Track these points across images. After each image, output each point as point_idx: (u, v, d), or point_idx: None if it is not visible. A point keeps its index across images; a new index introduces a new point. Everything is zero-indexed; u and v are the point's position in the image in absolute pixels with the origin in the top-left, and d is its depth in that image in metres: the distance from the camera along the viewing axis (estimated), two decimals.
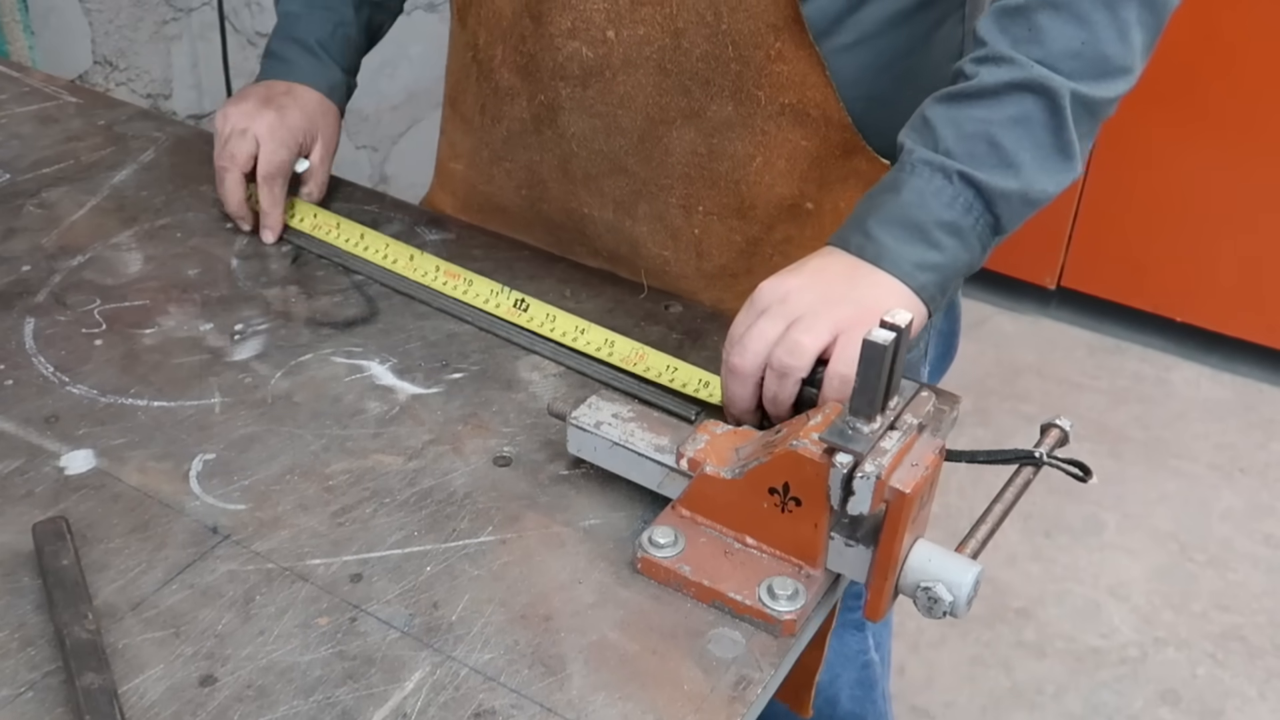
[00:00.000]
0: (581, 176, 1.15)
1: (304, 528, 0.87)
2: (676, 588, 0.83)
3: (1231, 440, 2.71)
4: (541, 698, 0.75)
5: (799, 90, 1.04)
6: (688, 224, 1.13)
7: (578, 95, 1.09)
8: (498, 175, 1.22)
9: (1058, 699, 2.10)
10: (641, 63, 1.05)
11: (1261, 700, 2.11)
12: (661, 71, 1.05)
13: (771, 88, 1.04)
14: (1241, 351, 2.91)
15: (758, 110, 1.05)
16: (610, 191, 1.14)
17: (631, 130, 1.09)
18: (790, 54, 1.02)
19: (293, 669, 0.76)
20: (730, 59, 1.03)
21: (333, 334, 1.07)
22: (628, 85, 1.07)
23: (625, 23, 1.04)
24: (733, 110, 1.06)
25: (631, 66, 1.06)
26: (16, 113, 1.40)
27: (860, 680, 1.44)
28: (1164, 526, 2.46)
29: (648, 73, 1.05)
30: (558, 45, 1.07)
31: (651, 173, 1.11)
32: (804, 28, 1.00)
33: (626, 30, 1.04)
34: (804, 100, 1.04)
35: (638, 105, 1.08)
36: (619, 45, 1.05)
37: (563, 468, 0.93)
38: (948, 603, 0.78)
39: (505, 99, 1.15)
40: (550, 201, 1.19)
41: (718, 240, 1.14)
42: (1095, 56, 0.91)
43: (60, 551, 0.81)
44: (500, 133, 1.18)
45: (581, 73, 1.08)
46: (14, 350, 1.03)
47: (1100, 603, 2.29)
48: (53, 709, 0.73)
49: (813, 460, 0.78)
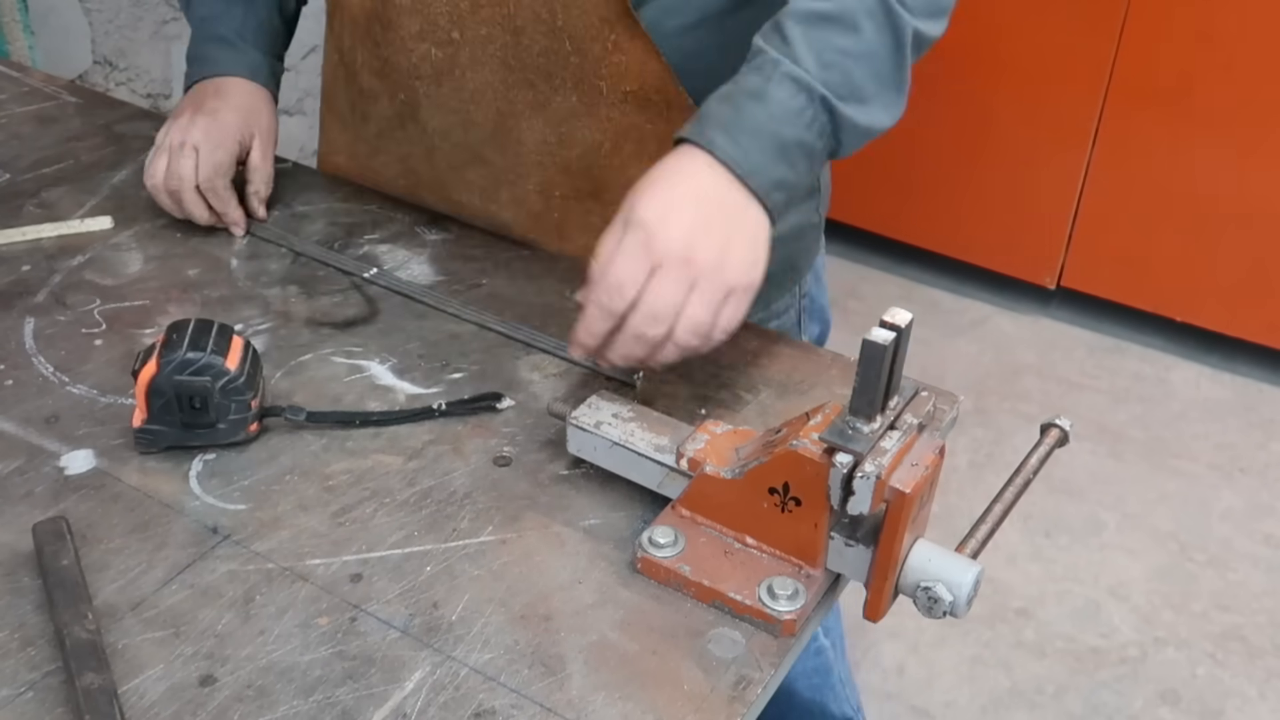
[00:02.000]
0: (446, 167, 1.22)
1: (304, 528, 0.87)
2: (676, 588, 0.83)
3: (1231, 440, 2.71)
4: (541, 698, 0.75)
5: (639, 78, 1.08)
6: (547, 209, 1.19)
7: (433, 93, 1.16)
8: (376, 166, 1.29)
9: (1058, 699, 2.10)
10: (486, 60, 1.12)
11: (1261, 700, 2.11)
12: (506, 67, 1.11)
13: (612, 77, 1.08)
14: (1241, 351, 2.91)
15: (600, 99, 1.10)
16: (474, 180, 1.21)
17: (485, 123, 1.16)
18: (626, 44, 1.06)
19: (293, 669, 0.76)
20: (569, 53, 1.08)
21: (333, 334, 1.07)
22: (476, 81, 1.13)
23: (468, 24, 1.10)
24: (577, 101, 1.11)
25: (478, 64, 1.12)
26: (16, 113, 1.40)
27: (816, 668, 1.48)
28: (1164, 526, 2.46)
29: (493, 69, 1.12)
30: (410, 47, 1.14)
31: (508, 162, 1.18)
32: (635, 19, 1.05)
33: (470, 30, 1.11)
34: (644, 86, 1.09)
35: (487, 100, 1.14)
36: (465, 45, 1.12)
37: (563, 468, 0.93)
38: (948, 603, 0.78)
39: (369, 99, 1.23)
40: (426, 188, 1.26)
41: (577, 223, 1.19)
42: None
43: (60, 551, 0.81)
44: (371, 129, 1.26)
45: (434, 72, 1.15)
46: (14, 350, 1.03)
47: (1100, 603, 2.29)
48: (53, 709, 0.73)
49: (813, 460, 0.78)
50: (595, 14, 1.05)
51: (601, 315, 0.88)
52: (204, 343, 0.90)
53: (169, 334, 0.91)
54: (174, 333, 0.91)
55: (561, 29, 1.07)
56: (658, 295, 0.86)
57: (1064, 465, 2.55)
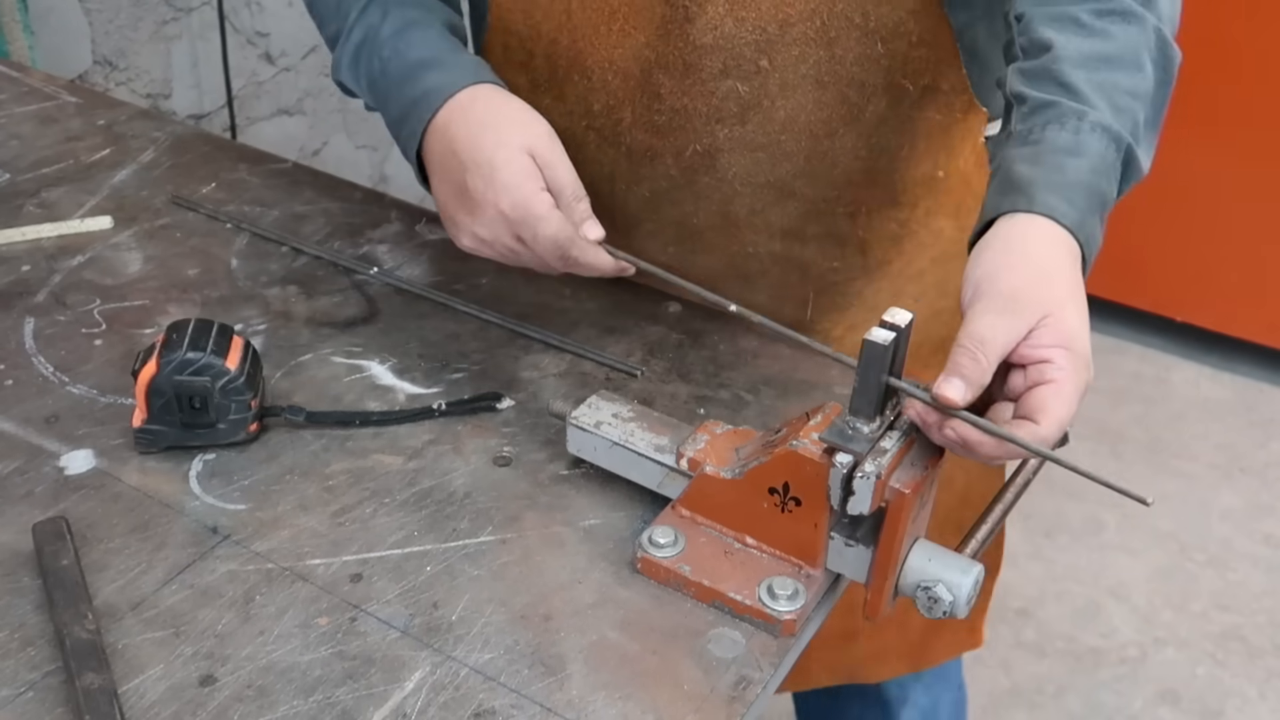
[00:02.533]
0: (745, 214, 1.09)
1: (304, 528, 0.87)
2: (676, 588, 0.83)
3: (1231, 440, 2.71)
4: (541, 698, 0.75)
5: (934, 70, 1.02)
6: (854, 229, 1.11)
7: (736, 133, 1.04)
8: (638, 239, 1.13)
9: (1058, 699, 2.10)
10: (799, 83, 1.01)
11: (1261, 700, 2.11)
12: (820, 86, 1.01)
13: (914, 74, 1.02)
14: (1241, 351, 2.90)
15: (905, 98, 1.03)
16: (778, 221, 1.09)
17: (797, 154, 1.05)
18: (929, 37, 1.00)
19: (293, 669, 0.76)
20: (880, 55, 1.00)
21: (333, 334, 1.07)
22: (788, 109, 1.03)
23: (777, 47, 0.99)
24: (885, 106, 1.03)
25: (789, 90, 1.02)
26: (16, 113, 1.40)
27: (956, 701, 1.48)
28: (1164, 526, 2.46)
29: (806, 91, 1.02)
30: (710, 89, 1.02)
31: (819, 190, 1.08)
32: (940, 5, 0.99)
33: (780, 54, 1.00)
34: (938, 78, 1.03)
35: (800, 126, 1.04)
36: (774, 72, 1.01)
37: (563, 468, 0.93)
38: (948, 603, 0.78)
39: (643, 161, 1.08)
40: (707, 251, 1.12)
41: (878, 236, 1.12)
42: (1175, 18, 0.90)
43: (60, 551, 0.81)
44: (640, 196, 1.09)
45: (739, 109, 1.03)
46: (14, 350, 1.03)
47: (1100, 603, 2.29)
48: (53, 709, 0.73)
49: (812, 460, 0.78)
50: (904, 7, 0.98)
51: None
52: (204, 343, 0.90)
53: (169, 334, 0.91)
54: (174, 333, 0.91)
55: (874, 30, 0.99)
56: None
57: None
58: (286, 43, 2.34)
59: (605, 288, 1.15)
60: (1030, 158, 0.84)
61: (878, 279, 1.15)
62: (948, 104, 1.06)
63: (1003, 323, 0.75)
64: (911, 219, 1.13)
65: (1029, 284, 0.77)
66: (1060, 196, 0.81)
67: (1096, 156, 0.83)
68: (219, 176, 1.30)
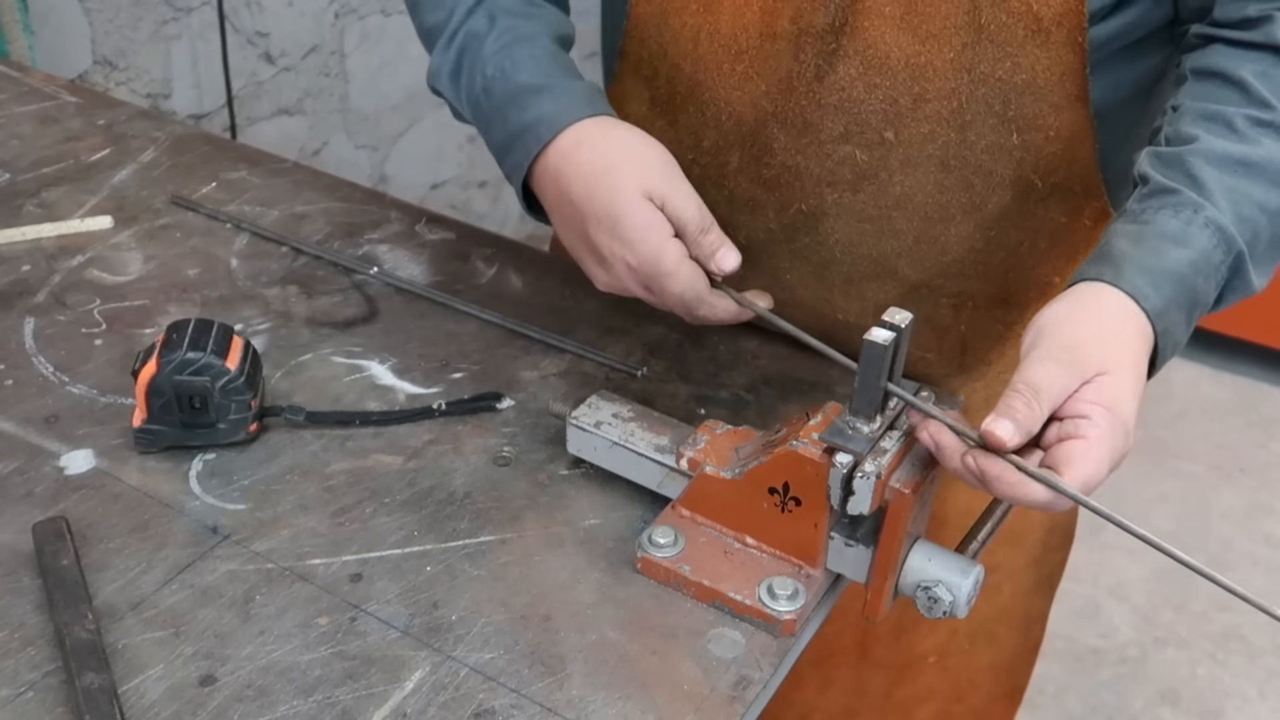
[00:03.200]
0: (841, 282, 1.04)
1: (304, 528, 0.87)
2: (676, 588, 0.83)
3: (1231, 440, 2.71)
4: (541, 698, 0.75)
5: (1068, 167, 0.96)
6: (955, 322, 1.06)
7: (846, 200, 0.99)
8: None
9: (1058, 699, 2.10)
10: (923, 161, 0.96)
11: (1261, 700, 2.11)
12: (944, 169, 0.96)
13: (1046, 169, 0.96)
14: (1241, 351, 2.91)
15: (1032, 193, 0.97)
16: (873, 296, 1.04)
17: (907, 232, 1.00)
18: (1067, 132, 0.94)
19: (293, 669, 0.76)
20: (1014, 146, 0.94)
21: (333, 334, 1.07)
22: (905, 185, 0.97)
23: (907, 121, 0.94)
24: (1010, 199, 0.97)
25: (911, 166, 0.96)
26: (16, 113, 1.40)
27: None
28: (1164, 526, 2.46)
29: (928, 171, 0.96)
30: (827, 151, 0.97)
31: (924, 274, 1.02)
32: (1088, 103, 0.92)
33: (908, 129, 0.95)
34: (1070, 177, 0.97)
35: (915, 205, 0.98)
36: (898, 146, 0.95)
37: (563, 468, 0.93)
38: (948, 603, 0.78)
39: (744, 209, 1.03)
40: (796, 307, 1.04)
41: (981, 333, 1.07)
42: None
43: (60, 551, 0.81)
44: (737, 240, 0.97)
45: (854, 177, 0.98)
46: (14, 350, 1.03)
47: (1100, 603, 2.29)
48: (53, 709, 0.73)
49: (812, 460, 0.78)
50: (1048, 100, 0.91)
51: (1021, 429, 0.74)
52: (204, 343, 0.90)
53: (169, 334, 0.91)
54: (174, 333, 0.91)
55: (1012, 119, 0.92)
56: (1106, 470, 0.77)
57: None
58: (286, 43, 2.34)
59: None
60: (1133, 235, 0.81)
61: (975, 378, 1.10)
62: (1076, 207, 0.99)
63: (1060, 373, 0.74)
64: (1020, 322, 1.06)
65: (1091, 340, 0.76)
66: (1148, 279, 0.78)
67: (1200, 253, 0.79)
68: (219, 176, 1.30)
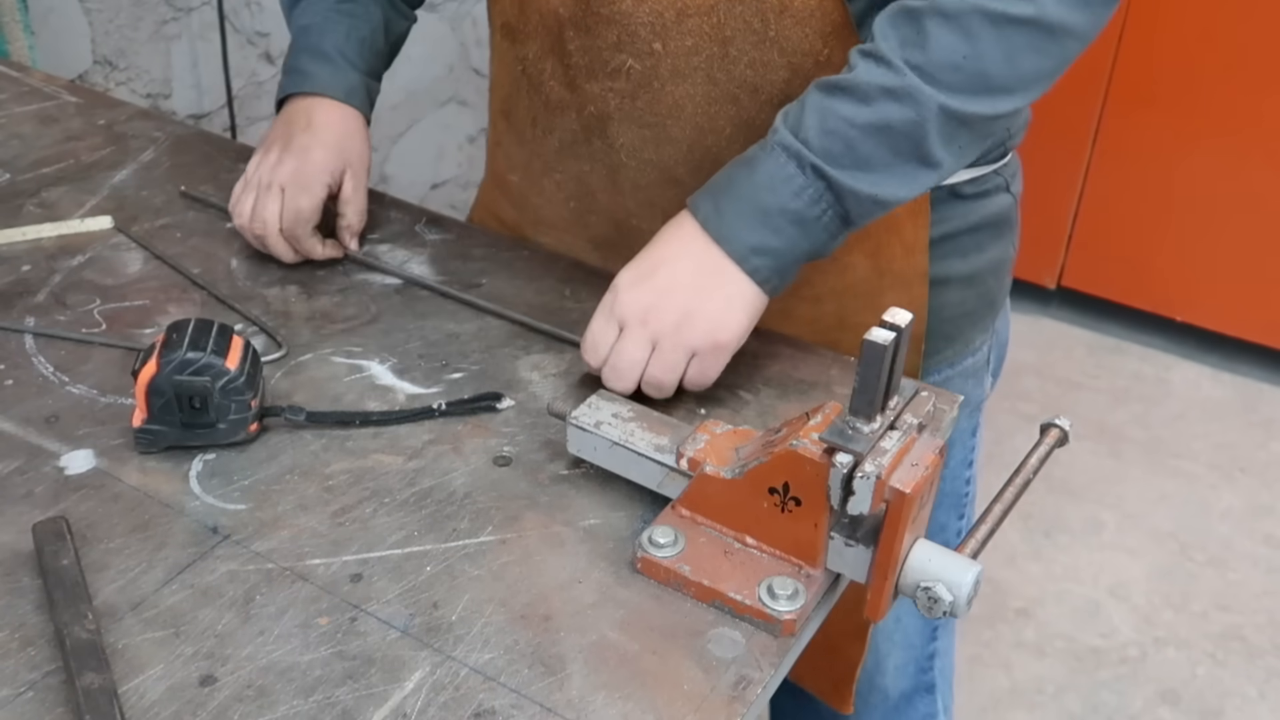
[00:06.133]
0: (630, 187, 1.14)
1: (304, 528, 0.87)
2: (676, 588, 0.83)
3: (1231, 440, 2.71)
4: (541, 698, 0.75)
5: None
6: None
7: (627, 107, 1.09)
8: (547, 187, 1.21)
9: (1058, 699, 2.10)
10: (690, 73, 1.05)
11: (1261, 700, 2.11)
12: (710, 81, 1.05)
13: None
14: (1241, 351, 2.91)
15: None
16: (660, 203, 1.13)
17: (681, 140, 1.09)
18: (838, 59, 1.01)
19: (293, 669, 0.76)
20: (779, 65, 1.03)
21: (333, 334, 1.08)
22: (676, 95, 1.07)
23: (672, 34, 1.04)
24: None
25: (679, 77, 1.06)
26: (16, 113, 1.40)
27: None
28: (1164, 526, 2.46)
29: (696, 83, 1.05)
30: (605, 59, 1.07)
31: (701, 182, 1.07)
32: (853, 32, 1.00)
33: (673, 41, 1.04)
34: None
35: (687, 115, 1.07)
36: (666, 57, 1.05)
37: (563, 468, 0.93)
38: (948, 603, 0.78)
39: (555, 111, 1.15)
40: (598, 213, 1.18)
41: None
42: (975, 72, 0.91)
43: (60, 551, 0.81)
44: (552, 144, 1.17)
45: (630, 85, 1.08)
46: (14, 350, 1.03)
47: (1100, 603, 2.29)
48: (53, 709, 0.73)
49: (813, 460, 0.78)
50: (812, 25, 1.00)
51: (587, 365, 0.98)
52: (204, 343, 0.90)
53: (169, 334, 0.91)
54: (174, 333, 0.91)
55: (773, 40, 1.02)
56: (620, 354, 0.96)
57: (1064, 465, 2.55)
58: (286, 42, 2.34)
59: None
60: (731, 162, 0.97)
61: None
62: None
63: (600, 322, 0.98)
64: None
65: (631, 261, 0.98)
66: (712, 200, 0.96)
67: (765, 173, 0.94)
68: (219, 176, 1.30)
